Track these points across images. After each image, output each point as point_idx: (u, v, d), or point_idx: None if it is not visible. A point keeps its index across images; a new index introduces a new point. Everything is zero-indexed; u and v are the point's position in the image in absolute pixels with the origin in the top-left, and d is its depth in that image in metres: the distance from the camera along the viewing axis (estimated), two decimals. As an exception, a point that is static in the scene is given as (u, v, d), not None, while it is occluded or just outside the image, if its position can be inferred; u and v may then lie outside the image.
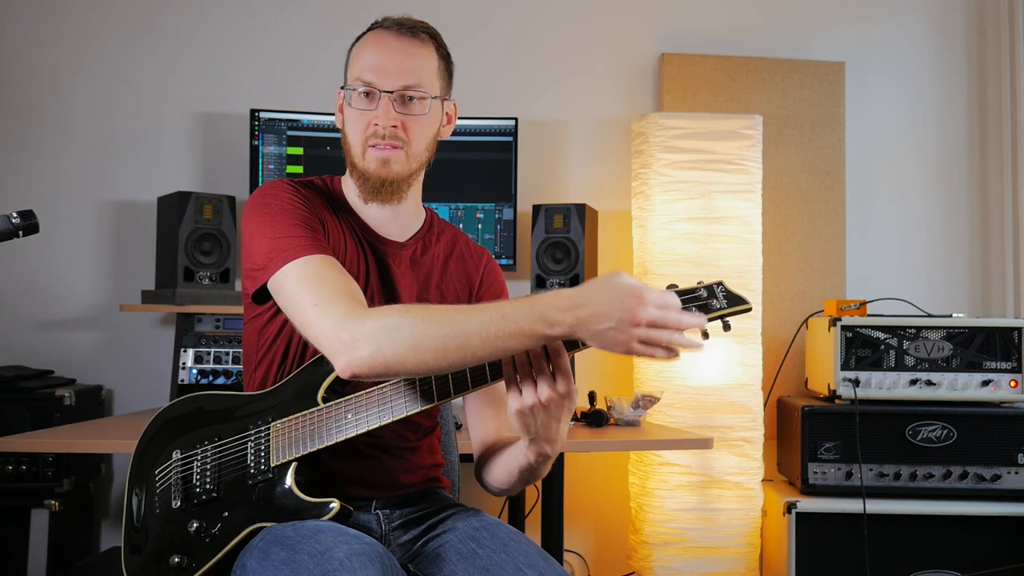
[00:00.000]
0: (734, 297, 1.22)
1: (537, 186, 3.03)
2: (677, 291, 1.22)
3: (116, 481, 2.89)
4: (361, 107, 1.43)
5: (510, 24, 3.10)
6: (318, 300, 1.25)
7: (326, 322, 1.23)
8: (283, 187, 1.43)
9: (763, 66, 3.10)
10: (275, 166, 2.76)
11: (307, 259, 1.31)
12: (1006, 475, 2.58)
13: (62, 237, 2.90)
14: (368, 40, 1.47)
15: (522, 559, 1.30)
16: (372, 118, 1.42)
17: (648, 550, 2.69)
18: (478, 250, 1.60)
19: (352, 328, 1.21)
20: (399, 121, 1.42)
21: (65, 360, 2.86)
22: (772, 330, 3.01)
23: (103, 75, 2.95)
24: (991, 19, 3.23)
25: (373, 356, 1.19)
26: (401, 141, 1.43)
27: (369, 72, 1.42)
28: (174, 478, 1.38)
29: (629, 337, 1.13)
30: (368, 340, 1.19)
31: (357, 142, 1.44)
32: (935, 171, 3.23)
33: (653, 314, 1.13)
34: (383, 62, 1.42)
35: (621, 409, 2.42)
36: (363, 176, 1.44)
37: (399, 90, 1.42)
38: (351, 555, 1.16)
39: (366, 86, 1.42)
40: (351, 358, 1.20)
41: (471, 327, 1.17)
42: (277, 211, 1.37)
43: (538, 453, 1.31)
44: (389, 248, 1.49)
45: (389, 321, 1.20)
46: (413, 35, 1.45)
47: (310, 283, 1.28)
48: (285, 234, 1.34)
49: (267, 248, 1.34)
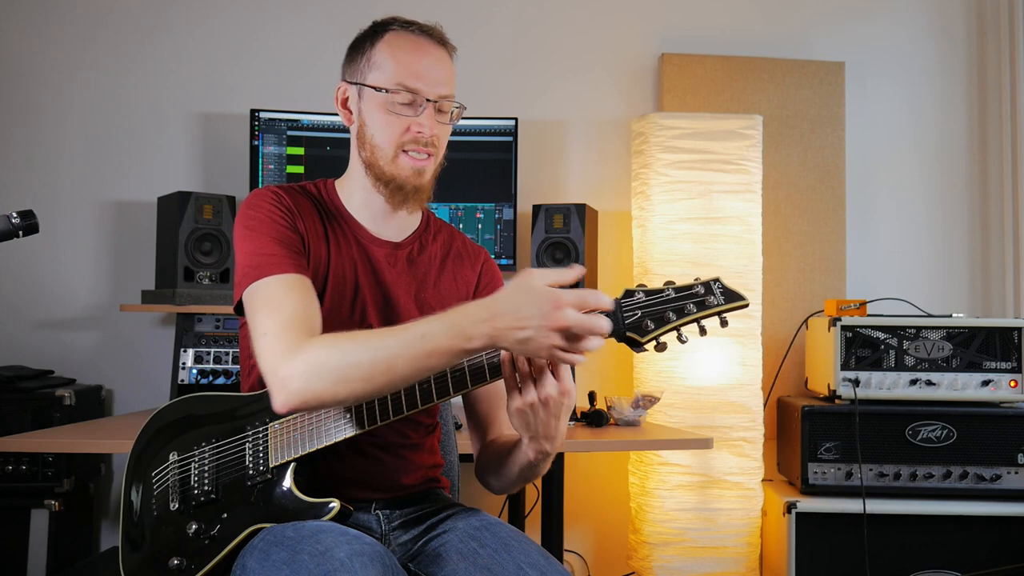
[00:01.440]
0: (731, 293, 1.22)
1: (537, 186, 3.03)
2: (674, 288, 1.22)
3: (116, 481, 2.89)
4: (400, 112, 1.42)
5: (510, 24, 3.10)
6: (267, 329, 1.28)
7: (267, 356, 1.26)
8: (266, 198, 1.42)
9: (763, 66, 3.10)
10: (275, 166, 2.76)
11: (272, 279, 1.32)
12: (1006, 475, 2.58)
13: (62, 237, 2.90)
14: (403, 44, 1.44)
15: (523, 558, 1.30)
16: (413, 124, 1.41)
17: (648, 550, 2.69)
18: (475, 249, 1.60)
19: (285, 366, 1.23)
20: (438, 131, 1.44)
21: (65, 360, 2.86)
22: (772, 330, 3.01)
23: (103, 75, 2.95)
24: (991, 19, 3.23)
25: (303, 392, 1.22)
26: (434, 149, 1.44)
27: (414, 78, 1.41)
28: (171, 480, 1.38)
29: (550, 343, 1.14)
30: (298, 377, 1.22)
31: (389, 145, 1.43)
32: (935, 171, 3.23)
33: (572, 319, 1.13)
34: (429, 71, 1.42)
35: (621, 409, 2.42)
36: (392, 181, 1.44)
37: (440, 100, 1.43)
38: (352, 555, 1.16)
39: (411, 92, 1.41)
40: (283, 397, 1.23)
41: (394, 350, 1.19)
42: (255, 225, 1.38)
43: (538, 451, 1.31)
44: (385, 249, 1.49)
45: (318, 355, 1.23)
46: (444, 45, 1.47)
47: (267, 308, 1.30)
48: (257, 251, 1.35)
49: (241, 263, 1.37)
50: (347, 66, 1.49)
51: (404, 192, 1.44)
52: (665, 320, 1.21)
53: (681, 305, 1.21)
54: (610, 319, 1.18)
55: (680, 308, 1.21)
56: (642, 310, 1.21)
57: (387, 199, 1.46)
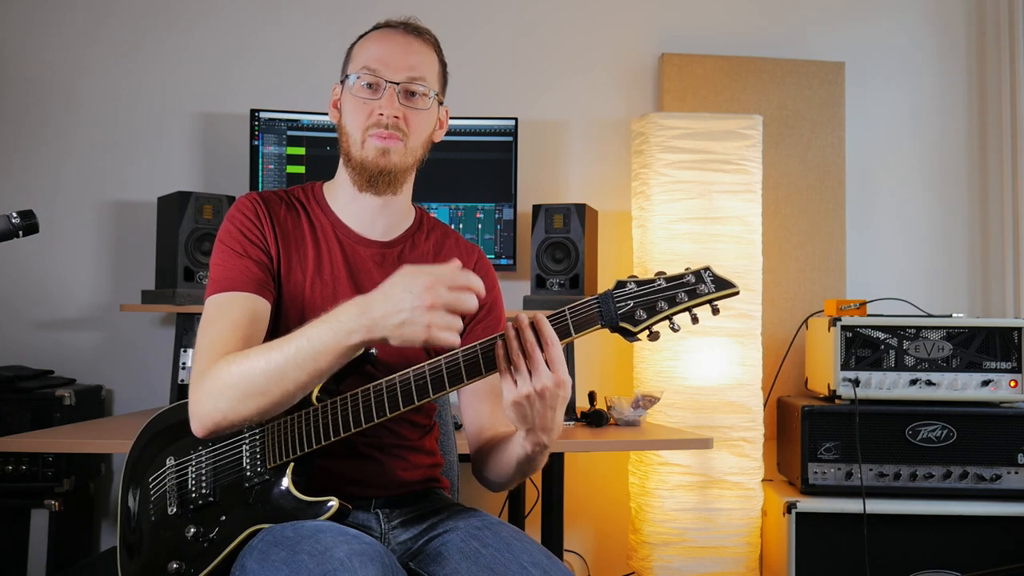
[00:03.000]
0: (721, 281, 1.25)
1: (537, 186, 3.03)
2: (665, 277, 1.24)
3: (116, 481, 2.89)
4: (364, 96, 1.43)
5: (510, 24, 3.10)
6: (198, 351, 1.33)
7: (191, 381, 1.32)
8: (241, 208, 1.45)
9: (763, 66, 3.10)
10: (275, 166, 2.76)
11: (221, 297, 1.37)
12: (1006, 475, 2.57)
13: (62, 237, 2.90)
14: (372, 36, 1.48)
15: (526, 558, 1.30)
16: (375, 107, 1.42)
17: (648, 550, 2.69)
18: (469, 247, 1.60)
19: (196, 390, 1.29)
20: (402, 112, 1.43)
21: (65, 360, 2.86)
22: (772, 330, 3.01)
23: (103, 75, 2.95)
24: (991, 19, 3.23)
25: (211, 414, 1.27)
26: (402, 133, 1.43)
27: (374, 62, 1.43)
28: (169, 485, 1.38)
29: (427, 322, 1.16)
30: (203, 400, 1.28)
31: (357, 130, 1.44)
32: (935, 171, 3.23)
33: (444, 296, 1.17)
34: (389, 54, 1.44)
35: (621, 409, 2.42)
36: (361, 165, 1.44)
37: (404, 82, 1.43)
38: (351, 555, 1.15)
39: (371, 75, 1.43)
40: (195, 423, 1.29)
41: (283, 359, 1.22)
42: (224, 237, 1.42)
43: (535, 443, 1.31)
44: (372, 249, 1.49)
45: (219, 375, 1.26)
46: (418, 34, 1.48)
47: (207, 326, 1.35)
48: (218, 264, 1.40)
49: (210, 275, 1.42)
50: (341, 70, 1.52)
51: (369, 173, 1.44)
52: (657, 309, 1.23)
53: (672, 294, 1.23)
54: (602, 310, 1.22)
55: (671, 297, 1.23)
56: (634, 300, 1.23)
57: (357, 184, 1.46)
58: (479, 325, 1.52)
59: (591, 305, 1.24)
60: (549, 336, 1.22)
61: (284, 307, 1.43)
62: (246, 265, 1.39)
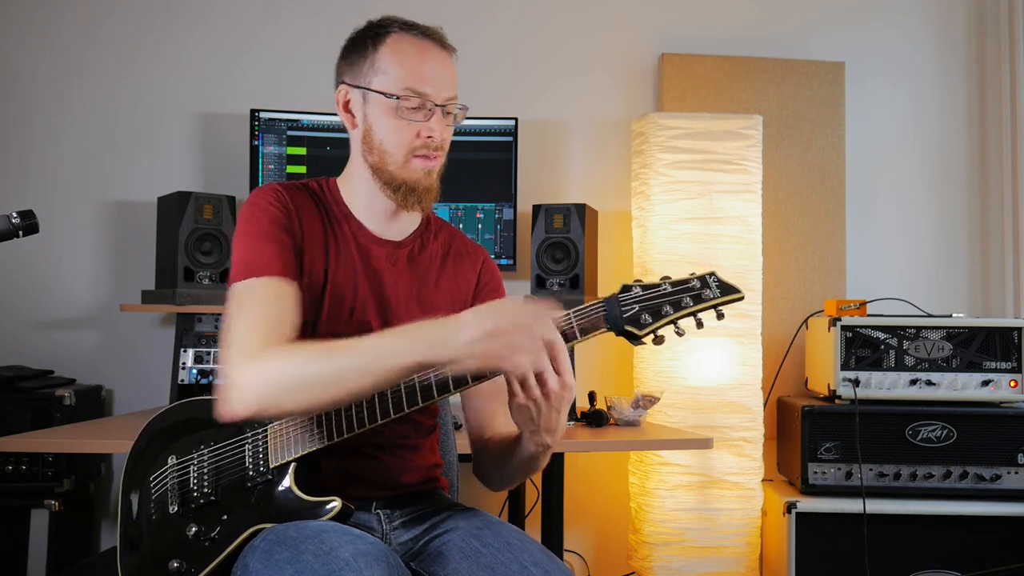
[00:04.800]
0: (726, 286, 1.25)
1: (537, 186, 3.03)
2: (670, 282, 1.25)
3: (116, 481, 2.89)
4: (409, 118, 1.41)
5: (510, 24, 3.10)
6: (235, 335, 1.30)
7: (225, 362, 1.29)
8: (267, 195, 1.42)
9: (763, 66, 3.10)
10: (275, 166, 2.76)
11: (255, 282, 1.34)
12: (1006, 475, 2.58)
13: (62, 237, 2.90)
14: (407, 48, 1.43)
15: (526, 557, 1.30)
16: (423, 130, 1.41)
17: (648, 550, 2.69)
18: (475, 248, 1.61)
19: (244, 373, 1.26)
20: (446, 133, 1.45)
21: (65, 360, 2.86)
22: (772, 330, 3.01)
23: (103, 75, 2.95)
24: (991, 19, 3.23)
25: (254, 402, 1.24)
26: (442, 151, 1.46)
27: (422, 83, 1.41)
28: (170, 483, 1.38)
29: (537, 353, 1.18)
30: (247, 388, 1.25)
31: (400, 150, 1.42)
32: (935, 171, 3.23)
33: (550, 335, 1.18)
34: (435, 75, 1.42)
35: (621, 409, 2.42)
36: (404, 184, 1.43)
37: (448, 104, 1.44)
38: (356, 555, 1.16)
39: (420, 97, 1.41)
40: (237, 406, 1.25)
41: (348, 363, 1.22)
42: (253, 222, 1.39)
43: (539, 444, 1.30)
44: (385, 249, 1.49)
45: (273, 366, 1.25)
46: (446, 47, 1.47)
47: (241, 311, 1.32)
48: (248, 249, 1.37)
49: (235, 259, 1.38)
50: (346, 68, 1.47)
51: (416, 194, 1.44)
52: (662, 314, 1.24)
53: (678, 299, 1.24)
54: (608, 314, 1.23)
55: (677, 302, 1.24)
56: (639, 304, 1.24)
57: (397, 202, 1.45)
58: None
59: (596, 309, 1.25)
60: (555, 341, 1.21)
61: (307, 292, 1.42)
62: (276, 251, 1.37)
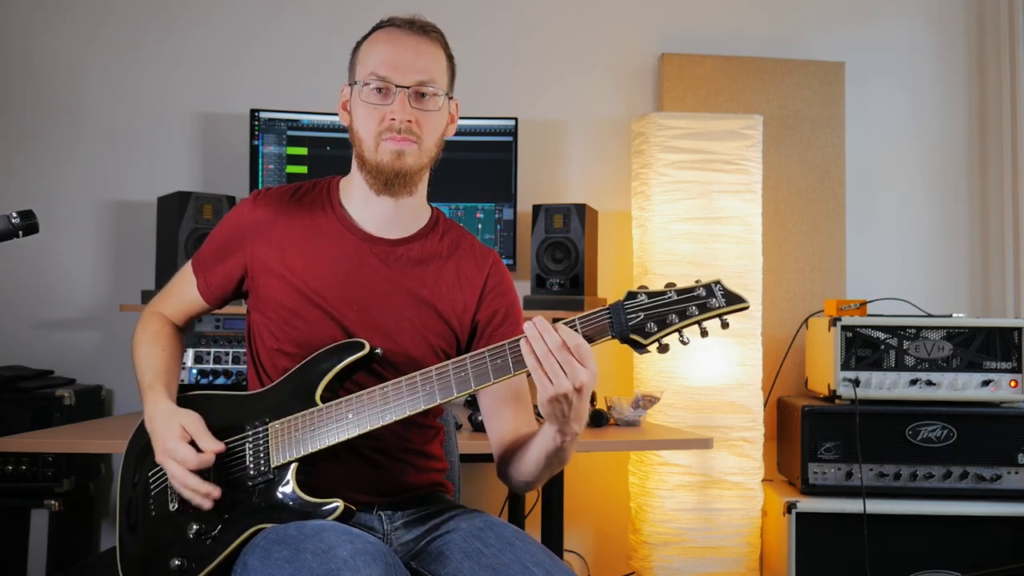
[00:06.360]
0: (732, 296, 1.24)
1: (537, 186, 3.02)
2: (676, 290, 1.24)
3: (116, 481, 2.88)
4: (374, 101, 1.42)
5: (510, 24, 3.10)
6: (162, 290, 1.62)
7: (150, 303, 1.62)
8: (243, 208, 1.52)
9: (763, 66, 3.10)
10: (275, 166, 2.76)
11: (189, 269, 1.56)
12: (1006, 475, 2.58)
13: (62, 237, 2.90)
14: (379, 37, 1.46)
15: (528, 558, 1.29)
16: (387, 112, 1.42)
17: (648, 550, 2.69)
18: (484, 250, 1.58)
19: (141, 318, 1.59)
20: (414, 116, 1.42)
21: (65, 360, 2.86)
22: (772, 330, 3.01)
23: (103, 75, 2.95)
24: (991, 19, 3.23)
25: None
26: (415, 136, 1.43)
27: (384, 67, 1.42)
28: (169, 481, 1.38)
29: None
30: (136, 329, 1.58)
31: (369, 136, 1.43)
32: (935, 171, 3.23)
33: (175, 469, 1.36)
34: (398, 58, 1.43)
35: (621, 409, 2.42)
36: (376, 169, 1.44)
37: (414, 86, 1.42)
38: (355, 554, 1.15)
39: (380, 81, 1.42)
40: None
41: (140, 374, 1.57)
42: (219, 226, 1.56)
43: (565, 433, 1.29)
44: (381, 247, 1.49)
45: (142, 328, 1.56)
46: (424, 33, 1.46)
47: (174, 280, 1.60)
48: (204, 246, 1.56)
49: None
50: (349, 70, 1.51)
51: (385, 176, 1.44)
52: (667, 322, 1.23)
53: (683, 307, 1.23)
54: (613, 321, 1.22)
55: (682, 311, 1.23)
56: (644, 312, 1.23)
57: (376, 189, 1.46)
58: (496, 332, 1.50)
59: (602, 316, 1.24)
60: (570, 337, 1.21)
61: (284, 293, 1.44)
62: (211, 259, 1.52)
